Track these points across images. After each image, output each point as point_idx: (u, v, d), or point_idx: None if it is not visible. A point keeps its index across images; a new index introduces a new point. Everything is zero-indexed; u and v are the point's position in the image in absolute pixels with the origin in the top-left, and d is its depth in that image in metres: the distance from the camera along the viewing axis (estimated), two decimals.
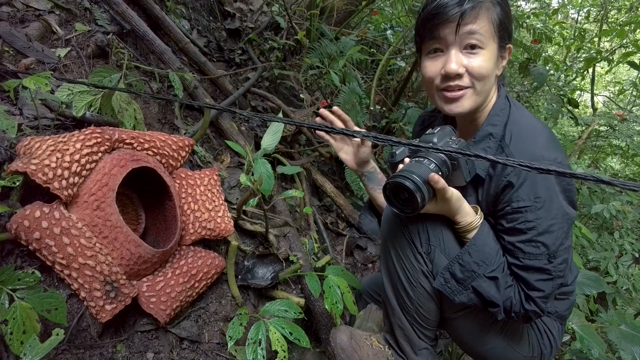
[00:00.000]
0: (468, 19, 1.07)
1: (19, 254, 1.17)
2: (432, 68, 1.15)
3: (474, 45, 1.09)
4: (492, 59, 1.11)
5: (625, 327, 1.85)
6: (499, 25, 1.10)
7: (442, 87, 1.15)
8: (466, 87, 1.12)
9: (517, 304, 1.11)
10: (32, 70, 1.53)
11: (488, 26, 1.09)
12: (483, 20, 1.08)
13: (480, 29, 1.08)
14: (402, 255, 1.22)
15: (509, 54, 1.19)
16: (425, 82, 1.21)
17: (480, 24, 1.08)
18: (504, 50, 1.17)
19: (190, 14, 2.65)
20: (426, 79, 1.19)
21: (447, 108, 1.16)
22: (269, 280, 1.64)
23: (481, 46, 1.09)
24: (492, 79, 1.14)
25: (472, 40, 1.08)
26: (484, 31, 1.08)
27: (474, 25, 1.07)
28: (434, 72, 1.15)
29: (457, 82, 1.12)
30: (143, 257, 1.29)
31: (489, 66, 1.10)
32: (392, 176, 1.07)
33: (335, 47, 2.71)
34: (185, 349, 1.37)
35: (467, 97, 1.13)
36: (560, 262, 1.10)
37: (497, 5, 1.09)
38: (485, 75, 1.11)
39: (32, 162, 1.14)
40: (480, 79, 1.11)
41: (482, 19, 1.08)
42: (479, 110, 1.20)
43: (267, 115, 1.05)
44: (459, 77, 1.11)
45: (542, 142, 1.10)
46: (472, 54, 1.10)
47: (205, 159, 1.96)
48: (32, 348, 0.96)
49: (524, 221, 1.08)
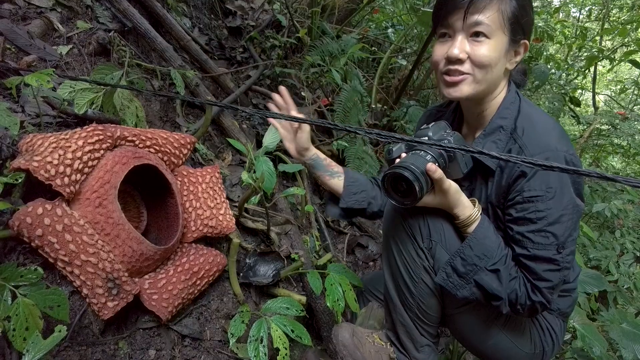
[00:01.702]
0: (476, 8, 1.08)
1: (21, 250, 1.17)
2: (439, 52, 1.17)
3: (478, 33, 1.10)
4: (498, 50, 1.11)
5: (627, 326, 1.85)
6: (510, 18, 1.10)
7: (444, 71, 1.16)
8: (466, 73, 1.13)
9: (522, 295, 1.11)
10: (34, 67, 1.53)
11: (497, 17, 1.09)
12: (492, 11, 1.08)
13: (488, 19, 1.08)
14: (404, 251, 1.22)
15: (525, 51, 1.18)
16: (433, 66, 1.23)
17: (488, 13, 1.08)
18: (517, 45, 1.16)
19: (192, 11, 2.65)
20: (433, 62, 1.21)
21: (446, 92, 1.18)
22: (270, 278, 1.64)
23: (487, 35, 1.09)
24: (497, 70, 1.14)
25: (477, 29, 1.09)
26: (491, 21, 1.08)
27: (481, 15, 1.08)
28: (440, 55, 1.16)
29: (458, 66, 1.13)
30: (145, 254, 1.29)
31: (492, 55, 1.10)
32: (390, 167, 1.08)
33: (336, 45, 2.71)
34: (187, 347, 1.38)
35: (466, 83, 1.14)
36: (568, 254, 1.10)
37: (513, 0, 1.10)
38: (487, 64, 1.11)
39: (35, 159, 1.14)
40: (480, 67, 1.11)
41: (491, 9, 1.08)
42: (485, 102, 1.21)
43: (268, 112, 1.05)
44: (460, 62, 1.12)
45: (555, 135, 1.11)
46: (476, 41, 1.11)
47: (207, 157, 1.96)
48: (34, 345, 0.96)
49: (534, 210, 1.08)
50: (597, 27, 5.82)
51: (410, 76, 3.20)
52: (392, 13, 4.05)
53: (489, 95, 1.19)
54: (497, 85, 1.19)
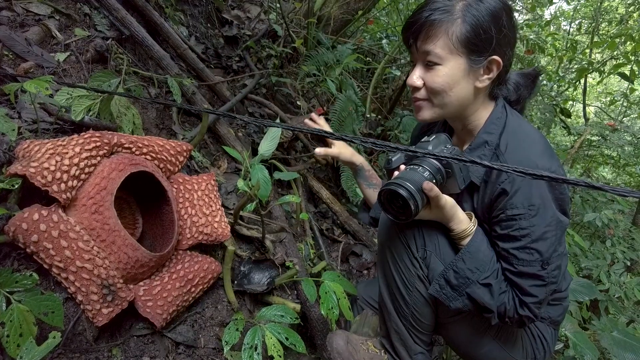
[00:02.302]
0: (425, 38, 1.13)
1: (16, 256, 1.17)
2: (408, 78, 1.22)
3: (429, 61, 1.14)
4: (453, 74, 1.13)
5: (618, 334, 1.87)
6: (463, 41, 1.10)
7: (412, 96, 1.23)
8: (422, 100, 1.20)
9: (511, 309, 1.12)
10: (31, 74, 1.53)
11: (446, 43, 1.11)
12: (439, 39, 1.11)
13: (437, 47, 1.12)
14: (399, 259, 1.24)
15: (497, 67, 1.15)
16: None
17: (436, 41, 1.11)
18: (481, 64, 1.13)
19: (189, 20, 2.68)
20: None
21: (415, 115, 1.26)
22: (265, 286, 1.65)
23: (438, 62, 1.13)
24: (457, 92, 1.15)
25: (428, 58, 1.14)
26: (441, 48, 1.11)
27: (430, 44, 1.12)
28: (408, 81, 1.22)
29: (416, 94, 1.20)
30: (140, 261, 1.29)
31: (444, 81, 1.14)
32: (387, 183, 1.09)
33: (331, 55, 2.74)
34: (181, 354, 1.37)
35: (425, 108, 1.21)
36: (554, 269, 1.11)
37: (464, 22, 1.09)
38: (439, 89, 1.15)
39: (32, 164, 1.15)
40: (434, 93, 1.17)
41: (438, 36, 1.11)
42: (463, 118, 1.24)
43: (264, 120, 1.06)
44: (417, 89, 1.19)
45: (536, 151, 1.12)
46: (430, 69, 1.15)
47: (202, 164, 1.97)
48: (28, 351, 0.95)
49: (518, 228, 1.09)
50: (587, 40, 5.94)
51: (404, 87, 3.24)
52: (387, 24, 4.11)
53: (463, 113, 1.22)
54: (468, 104, 1.20)
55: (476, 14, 1.09)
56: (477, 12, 1.09)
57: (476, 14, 1.09)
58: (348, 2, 3.20)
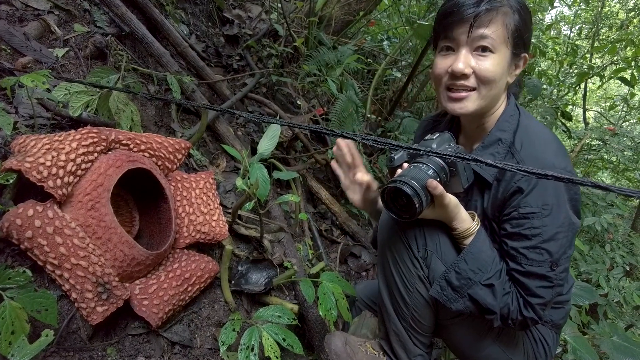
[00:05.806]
0: (482, 21, 1.07)
1: (10, 252, 1.15)
2: (441, 65, 1.16)
3: (484, 47, 1.09)
4: (502, 65, 1.11)
5: (617, 339, 1.85)
6: (514, 32, 1.10)
7: (448, 86, 1.15)
8: (471, 89, 1.13)
9: (514, 310, 1.10)
10: (29, 69, 1.52)
11: (502, 31, 1.09)
12: (497, 25, 1.08)
13: (493, 33, 1.08)
14: (399, 259, 1.22)
15: (524, 64, 1.18)
16: (434, 79, 1.21)
17: (494, 28, 1.08)
18: (518, 59, 1.16)
19: (189, 19, 2.66)
20: (435, 75, 1.19)
21: (451, 107, 1.17)
22: (262, 286, 1.63)
23: (492, 50, 1.09)
24: (500, 84, 1.14)
25: (483, 43, 1.09)
26: (497, 35, 1.08)
27: (487, 29, 1.08)
28: (443, 69, 1.15)
29: (463, 82, 1.12)
30: (136, 259, 1.27)
31: (497, 70, 1.10)
32: (391, 181, 1.07)
33: (332, 56, 2.73)
34: (176, 354, 1.35)
35: (471, 99, 1.13)
36: (562, 271, 1.10)
37: (515, 12, 1.10)
38: (492, 79, 1.10)
39: (27, 159, 1.13)
40: (486, 82, 1.11)
41: (496, 23, 1.08)
42: (486, 115, 1.21)
43: (265, 117, 1.05)
44: (465, 77, 1.11)
45: (552, 150, 1.11)
46: (481, 56, 1.10)
47: (201, 163, 1.96)
48: (20, 349, 0.94)
49: (530, 227, 1.08)
50: (588, 44, 5.95)
51: (404, 88, 3.23)
52: (388, 26, 4.11)
53: (490, 109, 1.20)
54: (499, 99, 1.19)
55: (524, 8, 1.10)
56: (524, 7, 1.11)
57: (524, 8, 1.11)
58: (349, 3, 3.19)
